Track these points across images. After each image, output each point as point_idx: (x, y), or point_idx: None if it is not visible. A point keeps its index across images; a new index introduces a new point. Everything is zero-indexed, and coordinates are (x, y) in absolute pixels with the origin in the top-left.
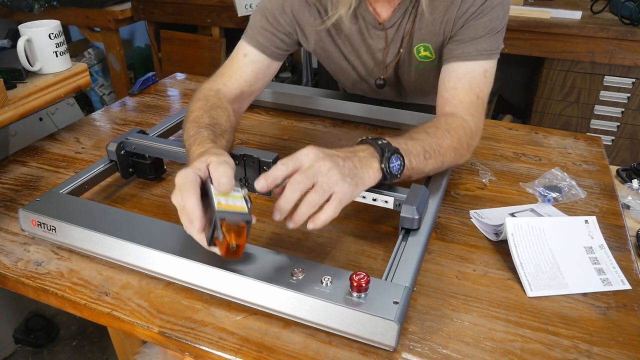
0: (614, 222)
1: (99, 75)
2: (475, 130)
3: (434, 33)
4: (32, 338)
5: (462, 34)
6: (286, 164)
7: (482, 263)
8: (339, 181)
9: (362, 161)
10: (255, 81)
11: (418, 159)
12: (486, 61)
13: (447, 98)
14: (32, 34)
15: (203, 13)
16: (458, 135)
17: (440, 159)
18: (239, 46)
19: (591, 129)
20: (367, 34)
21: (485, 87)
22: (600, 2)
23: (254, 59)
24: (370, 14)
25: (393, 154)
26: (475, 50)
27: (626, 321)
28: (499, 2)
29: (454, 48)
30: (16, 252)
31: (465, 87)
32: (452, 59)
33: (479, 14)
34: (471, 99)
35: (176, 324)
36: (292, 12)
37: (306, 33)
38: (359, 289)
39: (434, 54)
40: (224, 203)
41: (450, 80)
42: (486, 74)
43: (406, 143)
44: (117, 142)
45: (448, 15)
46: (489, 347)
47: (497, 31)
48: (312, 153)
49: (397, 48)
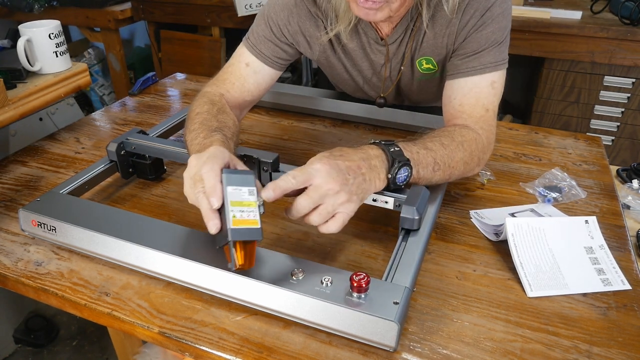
0: (614, 222)
1: (99, 75)
2: (487, 144)
3: (436, 46)
4: (32, 338)
5: (465, 48)
6: (296, 177)
7: (482, 263)
8: (344, 203)
9: (373, 170)
10: (257, 90)
11: (426, 170)
12: (492, 73)
13: (455, 114)
14: (32, 34)
15: (203, 13)
16: (471, 149)
17: (449, 171)
18: (241, 53)
19: (591, 129)
20: (370, 49)
21: (495, 98)
22: (600, 2)
23: (256, 69)
24: (372, 30)
25: (403, 165)
26: (479, 64)
27: (626, 321)
28: (499, 13)
29: (459, 63)
30: (16, 252)
31: (472, 103)
32: (457, 74)
33: (480, 26)
34: (480, 113)
35: (176, 324)
36: (297, 24)
37: (311, 44)
38: (359, 289)
39: (437, 66)
40: (239, 217)
41: (457, 98)
42: (494, 85)
43: (418, 152)
44: (117, 142)
45: (450, 28)
46: (489, 347)
47: (499, 42)
48: (324, 170)
49: (398, 63)
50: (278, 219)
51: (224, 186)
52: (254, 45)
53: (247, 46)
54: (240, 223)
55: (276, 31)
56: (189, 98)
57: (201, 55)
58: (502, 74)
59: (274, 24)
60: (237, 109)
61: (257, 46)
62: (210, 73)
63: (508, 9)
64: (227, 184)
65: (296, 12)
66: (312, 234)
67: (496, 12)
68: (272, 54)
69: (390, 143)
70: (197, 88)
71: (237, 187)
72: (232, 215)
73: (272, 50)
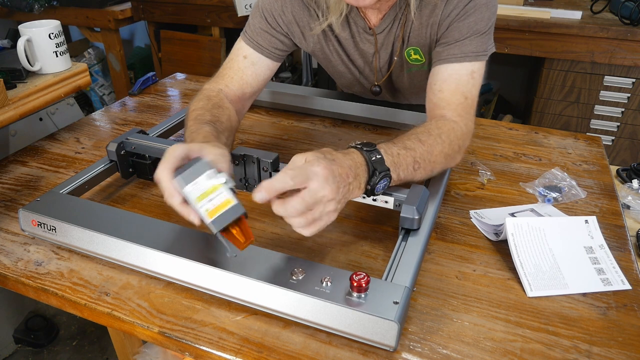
0: (614, 222)
1: (99, 75)
2: (466, 131)
3: (421, 36)
4: (32, 338)
5: (447, 36)
6: (295, 178)
7: (482, 263)
8: (330, 212)
9: (356, 180)
10: (256, 82)
11: (407, 171)
12: (472, 63)
13: (435, 101)
14: (32, 34)
15: (203, 13)
16: (449, 139)
17: (430, 167)
18: (239, 47)
19: (591, 129)
20: (359, 39)
21: (474, 88)
22: (600, 2)
23: (254, 61)
24: (361, 19)
25: (383, 177)
26: (460, 52)
27: (626, 321)
28: (483, 4)
29: (440, 51)
30: (16, 252)
31: (451, 89)
32: (438, 62)
33: (463, 16)
34: (459, 100)
35: (176, 324)
36: (292, 13)
37: (305, 34)
38: (359, 289)
39: (424, 57)
40: (212, 207)
41: (437, 83)
42: (473, 74)
43: (399, 154)
44: (117, 142)
45: (433, 18)
46: (489, 347)
47: (482, 32)
48: (322, 175)
49: (387, 53)
50: (278, 219)
51: (181, 190)
52: (250, 38)
53: (244, 39)
54: (215, 212)
55: (271, 21)
56: (189, 98)
57: (201, 55)
58: (482, 65)
59: (268, 14)
60: (238, 102)
61: (253, 38)
62: (210, 73)
63: (493, 1)
64: (182, 186)
65: (289, 2)
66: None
67: (480, 2)
68: (268, 44)
69: (372, 150)
70: (197, 88)
71: (193, 182)
72: (205, 210)
73: (268, 41)
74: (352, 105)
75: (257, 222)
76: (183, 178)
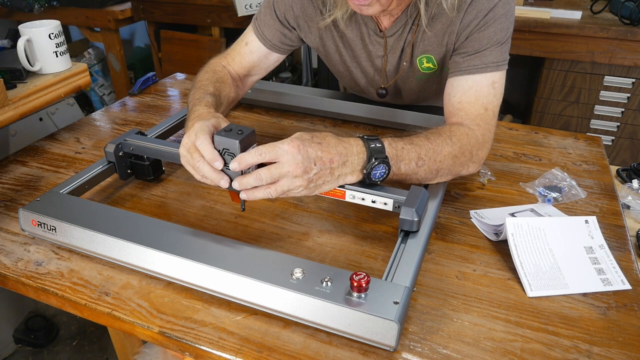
0: (614, 222)
1: (99, 75)
2: (482, 140)
3: (436, 45)
4: (32, 338)
5: (467, 47)
6: (263, 154)
7: (482, 263)
8: (297, 188)
9: (345, 166)
10: (254, 69)
11: (409, 165)
12: (493, 73)
13: (453, 112)
14: (32, 34)
15: (203, 13)
16: (460, 143)
17: (435, 166)
18: (247, 32)
19: (591, 129)
20: (368, 40)
21: (495, 99)
22: (600, 2)
23: (253, 49)
24: (372, 21)
25: (380, 163)
26: (481, 63)
27: (626, 321)
28: (502, 14)
29: (460, 61)
30: (16, 252)
31: (471, 100)
32: (458, 72)
33: (483, 26)
34: (478, 111)
35: (176, 324)
36: (300, 9)
37: (311, 29)
38: (359, 289)
39: (437, 65)
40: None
41: (456, 95)
42: (494, 85)
43: (403, 148)
44: (115, 143)
45: (451, 27)
46: (489, 347)
47: (502, 42)
48: (290, 153)
49: (396, 57)
50: (278, 218)
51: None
52: (258, 27)
53: (253, 27)
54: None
55: (280, 15)
56: None
57: (201, 55)
58: (503, 74)
59: (278, 8)
60: (239, 80)
61: (260, 28)
62: None
63: (511, 10)
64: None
65: None
66: (312, 234)
67: (499, 12)
68: (273, 37)
69: (374, 139)
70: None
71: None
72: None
73: (273, 34)
74: (352, 105)
75: (257, 222)
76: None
